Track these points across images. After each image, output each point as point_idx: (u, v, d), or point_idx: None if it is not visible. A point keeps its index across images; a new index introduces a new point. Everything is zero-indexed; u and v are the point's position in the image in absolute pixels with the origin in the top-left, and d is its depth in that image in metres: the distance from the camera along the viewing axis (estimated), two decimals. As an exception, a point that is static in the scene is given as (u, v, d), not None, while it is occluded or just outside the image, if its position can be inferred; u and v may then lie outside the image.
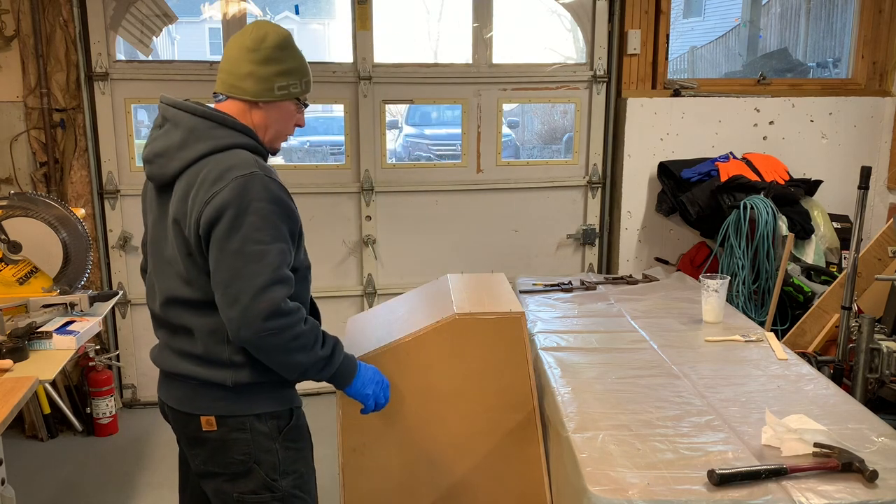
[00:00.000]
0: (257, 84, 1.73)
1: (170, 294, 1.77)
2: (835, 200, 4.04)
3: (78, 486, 3.28)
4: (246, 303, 1.60)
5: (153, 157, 1.74)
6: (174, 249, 1.71)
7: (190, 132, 1.69)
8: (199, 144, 1.68)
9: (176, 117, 1.73)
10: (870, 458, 1.67)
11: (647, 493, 1.57)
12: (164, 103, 1.78)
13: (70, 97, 3.65)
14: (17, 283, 2.77)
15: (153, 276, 1.84)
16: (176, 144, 1.69)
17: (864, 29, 4.26)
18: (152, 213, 1.80)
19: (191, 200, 1.64)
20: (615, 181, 4.19)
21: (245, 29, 1.78)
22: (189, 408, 1.77)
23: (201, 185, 1.63)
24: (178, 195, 1.68)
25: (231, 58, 1.75)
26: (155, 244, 1.79)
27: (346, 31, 3.98)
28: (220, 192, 1.60)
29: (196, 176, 1.65)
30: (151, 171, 1.75)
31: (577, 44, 4.28)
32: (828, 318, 3.14)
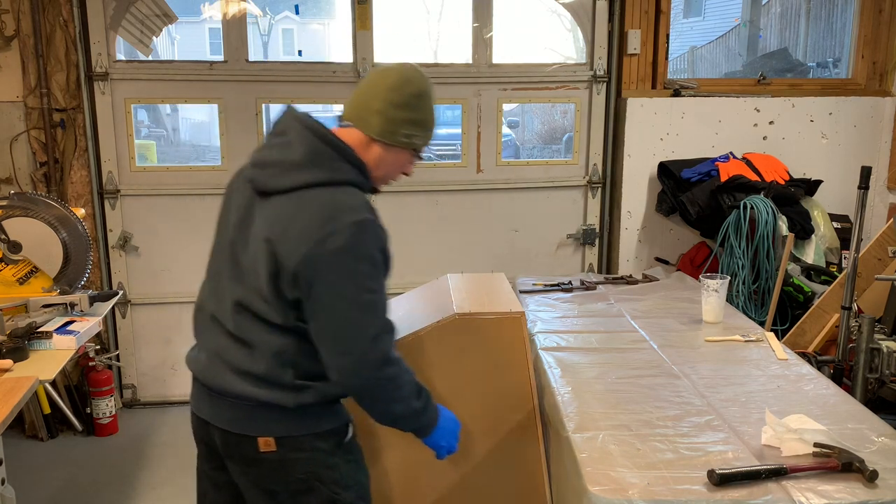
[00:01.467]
0: (385, 124, 1.70)
1: (244, 301, 1.67)
2: (835, 200, 4.04)
3: (78, 486, 3.28)
4: (359, 352, 1.61)
5: (265, 164, 1.68)
6: (258, 264, 1.63)
7: (311, 155, 1.64)
8: (317, 171, 1.64)
9: (300, 134, 1.66)
10: (870, 458, 1.67)
11: (647, 493, 1.57)
12: (291, 115, 1.71)
13: (70, 97, 3.65)
14: (17, 283, 2.78)
15: (221, 278, 1.75)
16: (294, 162, 1.64)
17: (864, 29, 4.26)
18: (237, 214, 1.73)
19: (297, 230, 1.58)
20: (615, 181, 4.19)
21: (392, 67, 1.75)
22: (245, 429, 1.69)
23: (312, 217, 1.59)
24: (280, 215, 1.62)
25: (368, 90, 1.72)
26: (233, 246, 1.72)
27: (346, 31, 3.98)
28: (334, 235, 1.57)
29: (306, 203, 1.61)
30: (257, 176, 1.68)
31: (577, 44, 4.28)
32: (828, 318, 3.14)
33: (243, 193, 1.73)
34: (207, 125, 8.07)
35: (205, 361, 1.76)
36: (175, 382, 4.08)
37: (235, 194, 1.77)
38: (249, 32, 3.90)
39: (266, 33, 10.13)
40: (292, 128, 1.67)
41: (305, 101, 4.11)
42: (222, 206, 1.82)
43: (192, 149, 8.14)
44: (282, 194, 1.63)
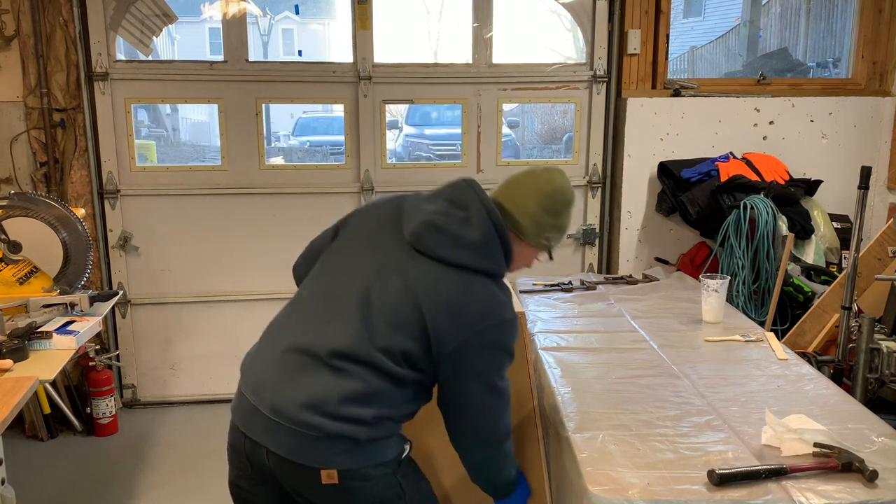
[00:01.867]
0: (533, 228, 1.81)
1: (359, 339, 1.66)
2: (835, 200, 4.04)
3: (78, 486, 3.28)
4: (489, 433, 1.78)
5: (440, 230, 1.71)
6: (400, 322, 1.67)
7: (485, 240, 1.72)
8: (486, 260, 1.73)
9: (480, 216, 1.73)
10: (870, 458, 1.67)
11: (647, 493, 1.57)
12: (472, 190, 1.77)
13: (70, 97, 3.65)
14: (17, 283, 2.78)
15: (335, 309, 1.72)
16: (470, 243, 1.71)
17: (864, 29, 4.26)
18: (378, 257, 1.74)
19: (459, 316, 1.67)
20: (615, 181, 4.19)
21: (548, 172, 1.84)
22: (307, 460, 1.65)
23: (476, 308, 1.68)
24: (443, 290, 1.68)
25: (524, 193, 1.81)
26: (368, 289, 1.71)
27: (346, 31, 3.98)
28: (490, 331, 1.69)
29: (472, 291, 1.69)
30: (427, 238, 1.70)
31: (577, 44, 4.28)
32: (828, 318, 3.14)
33: (390, 238, 1.76)
34: (207, 125, 8.08)
35: (271, 390, 1.69)
36: (175, 382, 4.09)
37: (376, 234, 1.79)
38: (249, 32, 3.90)
39: (266, 33, 10.14)
40: (473, 206, 1.74)
41: (305, 101, 4.12)
42: (348, 233, 1.84)
43: (192, 149, 8.14)
44: (445, 265, 1.69)
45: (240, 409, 1.75)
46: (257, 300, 4.04)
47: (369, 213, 1.88)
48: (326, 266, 1.84)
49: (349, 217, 1.91)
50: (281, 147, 8.65)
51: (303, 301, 1.82)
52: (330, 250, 1.86)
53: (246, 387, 1.75)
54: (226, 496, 1.90)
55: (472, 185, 1.79)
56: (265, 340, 1.82)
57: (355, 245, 1.82)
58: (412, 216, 1.76)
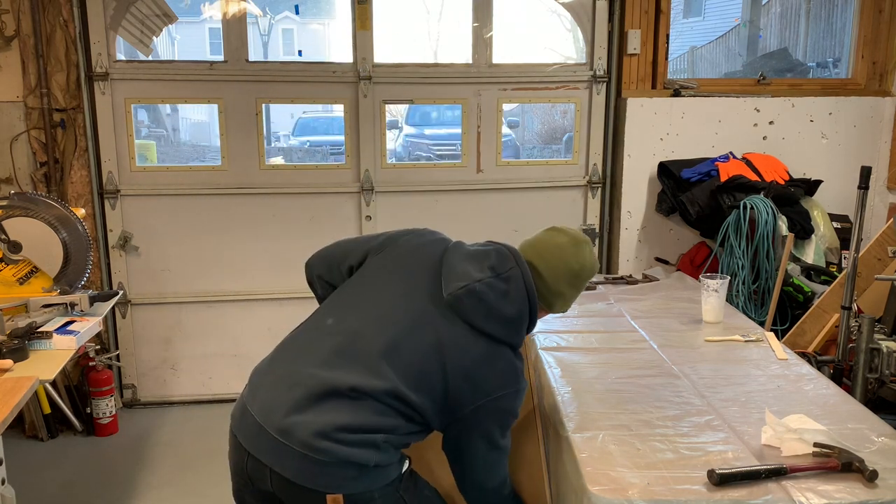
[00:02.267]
0: (561, 304, 1.93)
1: (379, 378, 1.69)
2: (835, 200, 4.04)
3: (78, 486, 3.28)
4: (492, 486, 1.86)
5: (478, 297, 1.74)
6: (422, 374, 1.72)
7: (519, 317, 1.79)
8: (513, 333, 1.80)
9: (519, 293, 1.79)
10: (870, 458, 1.67)
11: (647, 493, 1.57)
12: (519, 266, 1.81)
13: (70, 97, 3.65)
14: (17, 283, 2.78)
15: (362, 346, 1.74)
16: (503, 317, 1.77)
17: (864, 29, 4.26)
18: (415, 301, 1.78)
19: (480, 381, 1.74)
20: (615, 181, 4.20)
21: (578, 248, 1.91)
22: (314, 484, 1.65)
23: (496, 376, 1.76)
24: (470, 355, 1.74)
25: (555, 268, 1.87)
26: (398, 335, 1.74)
27: (346, 31, 3.98)
28: (505, 398, 1.77)
29: (495, 360, 1.76)
30: (462, 297, 1.74)
31: (577, 44, 4.28)
32: (828, 318, 3.14)
33: (428, 290, 1.79)
34: (207, 125, 8.08)
35: (282, 396, 1.70)
36: (175, 382, 4.09)
37: (415, 280, 1.82)
38: (249, 32, 3.90)
39: (266, 33, 10.14)
40: (515, 281, 1.79)
41: (305, 101, 4.12)
42: (386, 265, 1.87)
43: (192, 149, 8.14)
44: (475, 331, 1.75)
45: (243, 426, 1.74)
46: (257, 300, 4.05)
47: (416, 252, 1.88)
48: (358, 296, 1.84)
49: (394, 244, 1.91)
50: (281, 147, 8.65)
51: (327, 329, 1.80)
52: (364, 279, 1.86)
53: (253, 404, 1.73)
54: (226, 496, 1.90)
55: (517, 256, 1.84)
56: (280, 360, 1.80)
57: (393, 284, 1.83)
58: (455, 276, 1.78)
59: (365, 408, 1.67)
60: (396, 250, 1.90)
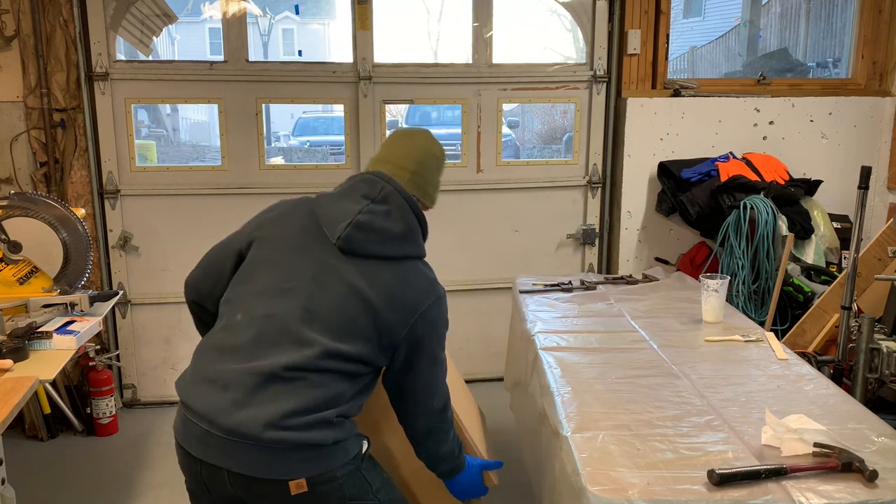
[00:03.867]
0: (436, 193, 1.99)
1: (311, 346, 1.68)
2: (835, 200, 4.04)
3: (78, 486, 3.28)
4: (438, 402, 1.87)
5: (366, 227, 1.76)
6: (350, 321, 1.72)
7: (408, 229, 1.82)
8: (412, 246, 1.84)
9: (401, 208, 1.82)
10: (870, 458, 1.67)
11: (647, 493, 1.57)
12: (390, 184, 1.83)
13: (70, 97, 3.65)
14: (17, 283, 2.78)
15: (279, 316, 1.72)
16: (396, 235, 1.79)
17: (864, 29, 4.26)
18: (312, 265, 1.76)
19: (402, 302, 1.76)
20: (615, 181, 4.20)
21: (427, 134, 2.01)
22: (274, 474, 1.63)
23: (415, 291, 1.79)
24: (382, 282, 1.75)
25: (425, 164, 1.94)
26: (311, 296, 1.73)
27: (346, 31, 3.98)
28: (431, 308, 1.80)
29: (407, 277, 1.80)
30: (356, 238, 1.75)
31: (577, 44, 4.29)
32: (828, 318, 3.14)
33: (316, 245, 1.78)
34: (207, 125, 8.09)
35: (219, 398, 1.66)
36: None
37: (300, 243, 1.80)
38: (249, 32, 3.90)
39: (266, 33, 10.15)
40: (393, 199, 1.81)
41: (305, 101, 4.12)
42: (267, 247, 1.83)
43: (192, 149, 8.15)
44: (379, 260, 1.77)
45: (188, 437, 1.69)
46: (257, 300, 4.04)
47: (282, 221, 1.86)
48: (255, 285, 1.79)
49: (258, 229, 1.87)
50: (281, 147, 8.66)
51: (238, 324, 1.76)
52: (252, 271, 1.82)
53: (193, 413, 1.68)
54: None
55: (381, 175, 1.85)
56: (204, 366, 1.75)
57: (282, 258, 1.80)
58: (335, 219, 1.78)
59: (305, 386, 1.65)
60: (274, 228, 1.86)
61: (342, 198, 1.83)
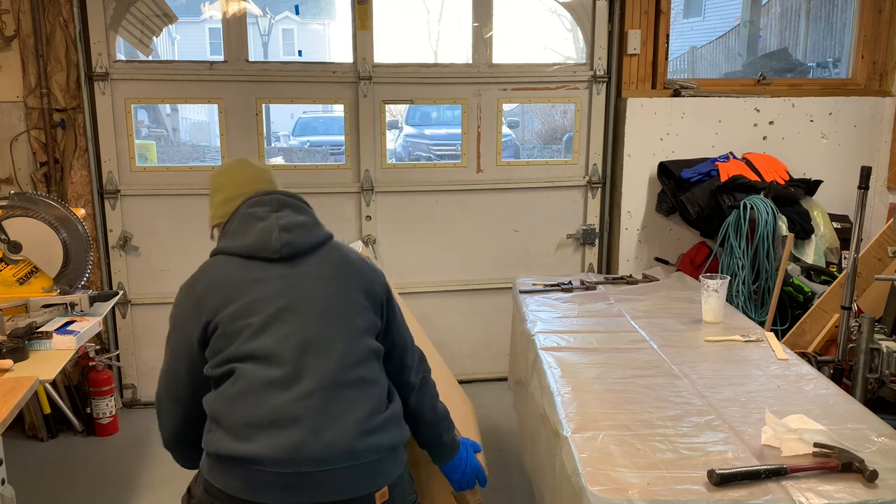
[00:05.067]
0: None
1: (355, 345, 1.72)
2: (835, 200, 4.04)
3: (78, 486, 3.28)
4: (418, 351, 1.99)
5: (291, 227, 1.80)
6: (355, 308, 1.78)
7: (314, 217, 1.92)
8: (323, 228, 1.91)
9: (296, 203, 1.90)
10: (870, 458, 1.67)
11: (647, 493, 1.57)
12: (275, 195, 1.88)
13: (70, 97, 3.65)
14: (17, 283, 2.78)
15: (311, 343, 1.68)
16: (312, 223, 1.88)
17: (864, 29, 4.26)
18: (276, 285, 1.73)
19: (359, 269, 1.87)
20: (615, 181, 4.20)
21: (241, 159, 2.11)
22: (363, 489, 1.62)
23: (354, 254, 1.91)
24: (341, 261, 1.85)
25: (272, 176, 2.07)
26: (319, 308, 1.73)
27: (346, 31, 3.98)
28: (376, 270, 1.93)
29: (343, 250, 1.90)
30: (289, 239, 1.78)
31: (577, 44, 4.29)
32: (828, 318, 3.14)
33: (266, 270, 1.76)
34: (207, 125, 8.09)
35: (295, 433, 1.59)
36: (175, 382, 4.08)
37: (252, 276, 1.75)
38: (249, 32, 3.90)
39: (266, 33, 10.15)
40: (285, 201, 1.88)
41: (305, 101, 4.12)
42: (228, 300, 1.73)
43: (192, 149, 8.16)
44: (318, 248, 1.84)
45: (260, 489, 1.60)
46: (257, 300, 4.04)
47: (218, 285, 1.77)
48: (248, 333, 1.68)
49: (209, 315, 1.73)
50: (281, 147, 8.66)
51: (261, 364, 1.66)
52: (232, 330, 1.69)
53: (264, 463, 1.59)
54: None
55: (261, 192, 1.90)
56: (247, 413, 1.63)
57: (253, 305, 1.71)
58: (261, 241, 1.77)
59: (365, 384, 1.70)
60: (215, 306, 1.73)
61: (248, 227, 1.79)
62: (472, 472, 2.03)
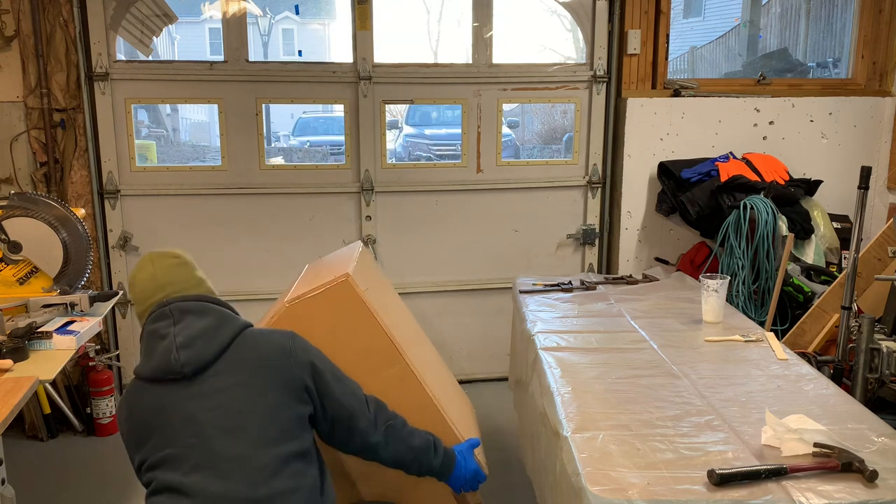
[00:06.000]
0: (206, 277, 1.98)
1: (281, 458, 1.70)
2: (835, 200, 4.04)
3: (78, 486, 3.28)
4: (372, 405, 1.92)
5: (189, 342, 1.74)
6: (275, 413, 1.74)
7: (220, 315, 1.83)
8: (231, 323, 1.83)
9: (198, 307, 1.82)
10: (870, 458, 1.67)
11: (647, 493, 1.57)
12: (174, 302, 1.82)
13: (70, 97, 3.65)
14: (17, 283, 2.78)
15: (222, 462, 1.68)
16: (215, 325, 1.80)
17: (864, 29, 4.26)
18: (191, 410, 1.71)
19: (269, 357, 1.78)
20: (615, 181, 4.20)
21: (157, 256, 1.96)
22: None
23: (266, 345, 1.81)
24: (245, 361, 1.77)
25: (177, 279, 1.90)
26: (227, 427, 1.70)
27: (346, 31, 3.98)
28: (293, 342, 1.84)
29: (247, 343, 1.80)
30: (188, 357, 1.73)
31: (577, 44, 4.29)
32: (828, 318, 3.14)
33: (174, 393, 1.73)
34: (207, 125, 8.09)
35: None
36: (175, 382, 4.08)
37: (158, 399, 1.74)
38: (249, 32, 3.90)
39: (266, 33, 10.15)
40: (187, 307, 1.81)
41: (305, 101, 4.12)
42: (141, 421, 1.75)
43: (192, 149, 8.15)
44: (224, 352, 1.77)
45: None
46: (257, 300, 4.04)
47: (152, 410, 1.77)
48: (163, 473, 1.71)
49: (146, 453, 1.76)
50: (281, 147, 8.65)
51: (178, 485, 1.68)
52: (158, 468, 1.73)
53: None
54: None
55: (162, 303, 1.83)
56: None
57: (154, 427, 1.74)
58: (163, 363, 1.73)
59: (284, 497, 1.67)
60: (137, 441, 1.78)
61: (151, 348, 1.78)
62: (472, 476, 2.04)
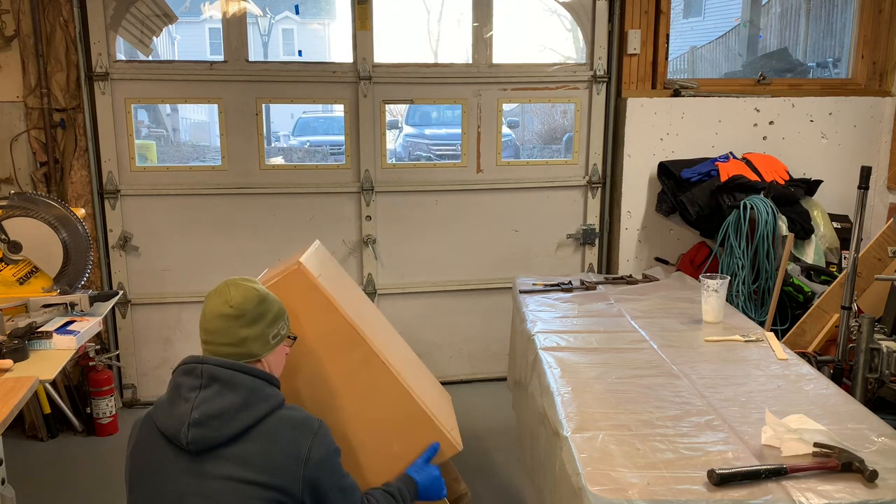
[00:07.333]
0: (259, 344, 1.79)
1: None
2: (835, 200, 4.04)
3: (78, 486, 3.28)
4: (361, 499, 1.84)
5: (204, 420, 1.65)
6: None
7: (247, 395, 1.70)
8: (258, 405, 1.70)
9: (230, 380, 1.70)
10: (870, 458, 1.67)
11: (647, 493, 1.57)
12: (207, 364, 1.72)
13: (70, 97, 3.65)
14: (17, 283, 2.78)
15: None
16: (238, 406, 1.68)
17: (864, 29, 4.26)
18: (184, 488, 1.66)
19: (278, 462, 1.67)
20: (615, 181, 4.20)
21: (220, 293, 1.80)
22: None
23: (282, 444, 1.69)
24: (244, 456, 1.66)
25: (220, 330, 1.76)
26: None
27: (346, 31, 3.98)
28: (312, 450, 1.70)
29: (265, 435, 1.68)
30: (198, 436, 1.65)
31: (577, 44, 4.29)
32: (828, 318, 3.14)
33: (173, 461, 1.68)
34: (207, 125, 8.10)
35: None
36: (175, 382, 4.08)
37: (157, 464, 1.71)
38: (249, 32, 3.90)
39: (266, 33, 10.16)
40: (218, 375, 1.70)
41: (305, 102, 4.12)
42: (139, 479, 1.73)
43: (192, 149, 8.16)
44: (240, 436, 1.67)
45: None
46: (257, 300, 4.05)
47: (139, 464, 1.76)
48: None
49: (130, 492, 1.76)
50: (281, 147, 8.66)
51: None
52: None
53: None
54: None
55: (198, 359, 1.74)
56: None
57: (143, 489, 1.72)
58: (174, 428, 1.68)
59: None
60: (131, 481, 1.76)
61: (172, 403, 1.73)
62: (435, 488, 2.06)
